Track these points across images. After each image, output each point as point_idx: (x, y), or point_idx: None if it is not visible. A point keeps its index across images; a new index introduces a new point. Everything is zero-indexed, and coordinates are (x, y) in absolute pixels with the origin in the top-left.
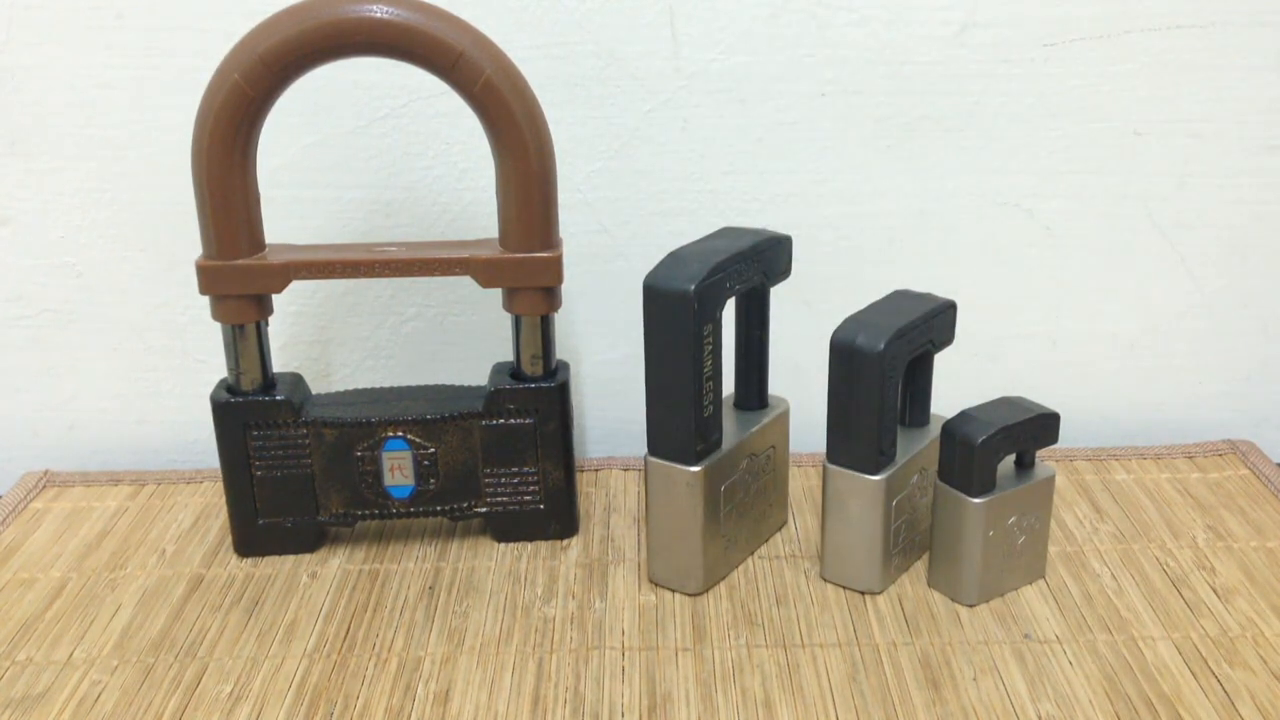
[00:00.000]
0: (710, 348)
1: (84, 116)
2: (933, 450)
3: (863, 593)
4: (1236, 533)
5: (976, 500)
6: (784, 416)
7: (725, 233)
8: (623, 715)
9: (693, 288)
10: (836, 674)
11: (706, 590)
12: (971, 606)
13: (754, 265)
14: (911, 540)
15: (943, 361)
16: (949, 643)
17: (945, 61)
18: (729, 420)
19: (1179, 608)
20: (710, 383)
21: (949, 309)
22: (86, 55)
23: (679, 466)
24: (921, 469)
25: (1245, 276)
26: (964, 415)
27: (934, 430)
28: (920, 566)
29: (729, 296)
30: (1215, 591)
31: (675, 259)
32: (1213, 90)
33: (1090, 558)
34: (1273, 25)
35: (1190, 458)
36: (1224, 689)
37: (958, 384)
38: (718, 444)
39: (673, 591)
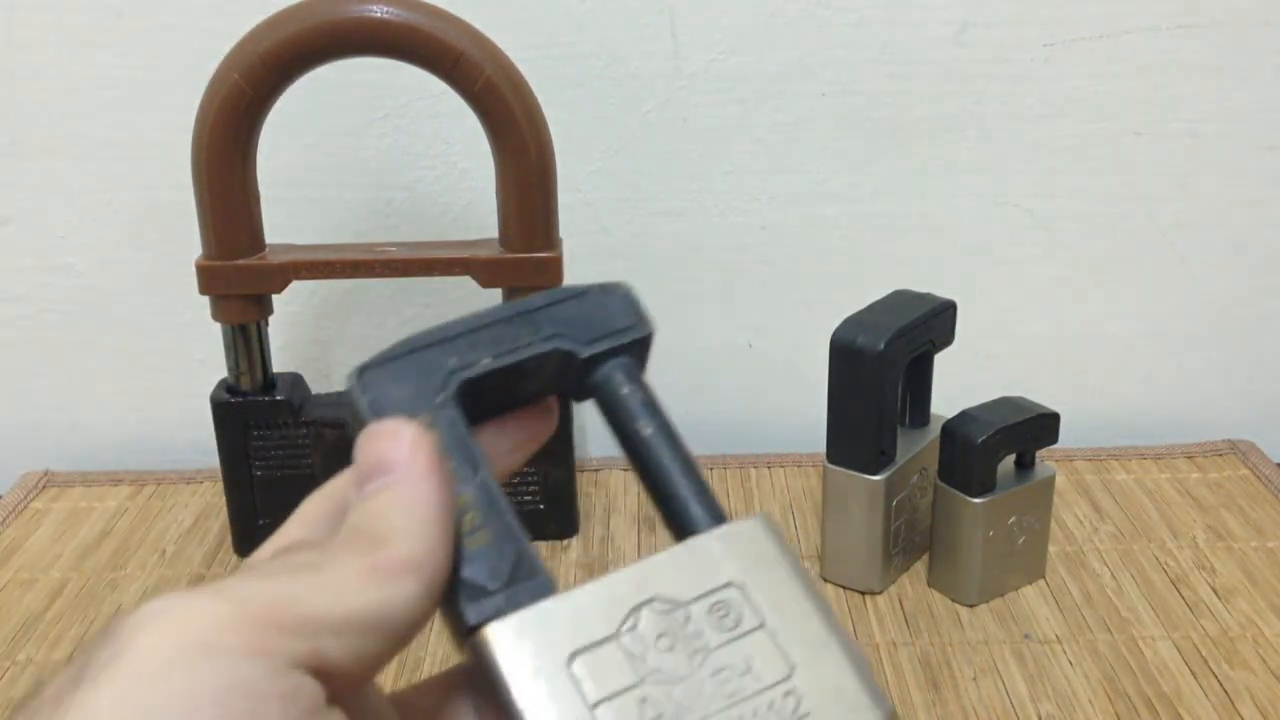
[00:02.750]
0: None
1: (84, 116)
2: (933, 450)
3: (863, 593)
4: (1236, 533)
5: (976, 500)
6: None
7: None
8: None
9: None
10: None
11: None
12: (971, 606)
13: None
14: (911, 540)
15: (943, 361)
16: (949, 643)
17: (945, 61)
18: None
19: (1179, 608)
20: None
21: (949, 309)
22: (86, 55)
23: None
24: (921, 469)
25: (1245, 276)
26: (964, 415)
27: (934, 430)
28: (920, 566)
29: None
30: (1215, 591)
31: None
32: (1213, 90)
33: (1090, 558)
34: (1273, 25)
35: (1190, 458)
36: (1224, 689)
37: (958, 384)
38: None
39: None
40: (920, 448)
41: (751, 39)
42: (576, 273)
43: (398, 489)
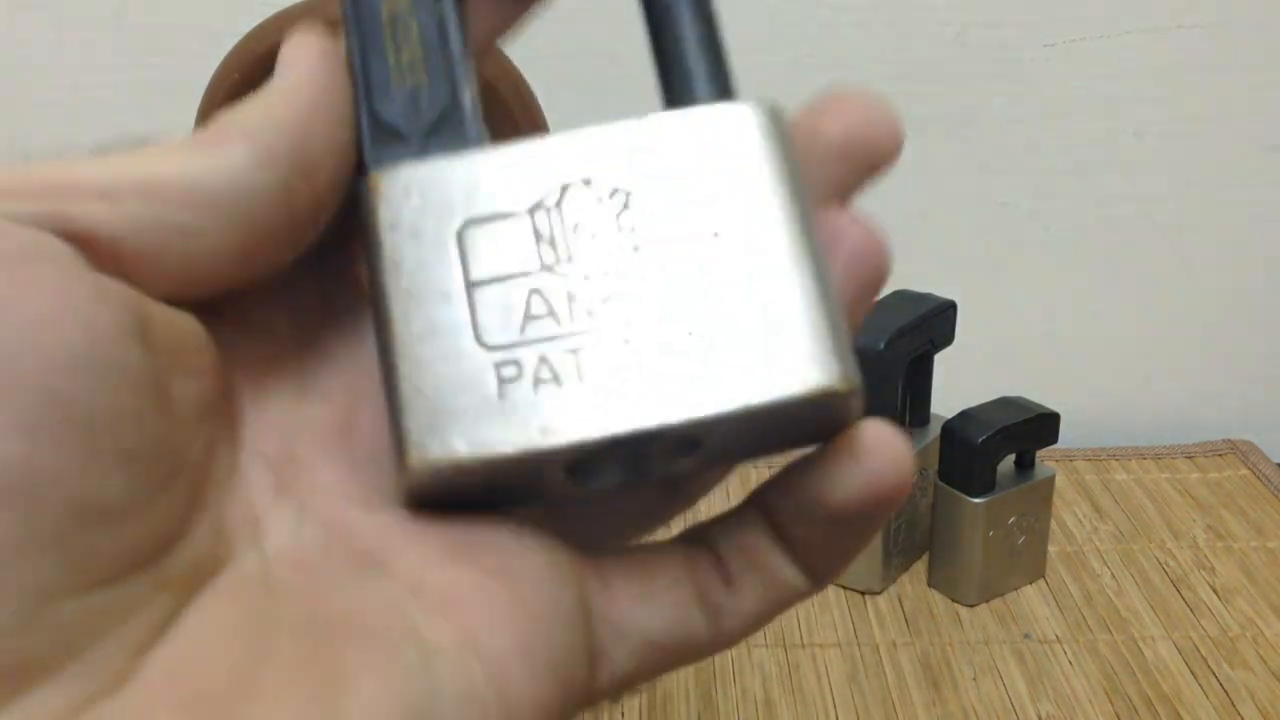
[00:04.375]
0: None
1: (84, 116)
2: (933, 450)
3: (863, 593)
4: (1236, 533)
5: (976, 500)
6: None
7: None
8: (622, 715)
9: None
10: (836, 674)
11: None
12: (971, 606)
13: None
14: (911, 540)
15: (943, 361)
16: (949, 643)
17: (945, 61)
18: None
19: (1179, 608)
20: None
21: (949, 309)
22: (86, 55)
23: None
24: (921, 469)
25: (1245, 276)
26: (964, 415)
27: (934, 430)
28: (920, 566)
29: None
30: (1215, 591)
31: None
32: (1213, 90)
33: (1090, 558)
34: (1273, 25)
35: (1190, 458)
36: (1224, 689)
37: (958, 384)
38: None
39: None
40: (920, 448)
41: (751, 39)
42: None
43: (273, 81)
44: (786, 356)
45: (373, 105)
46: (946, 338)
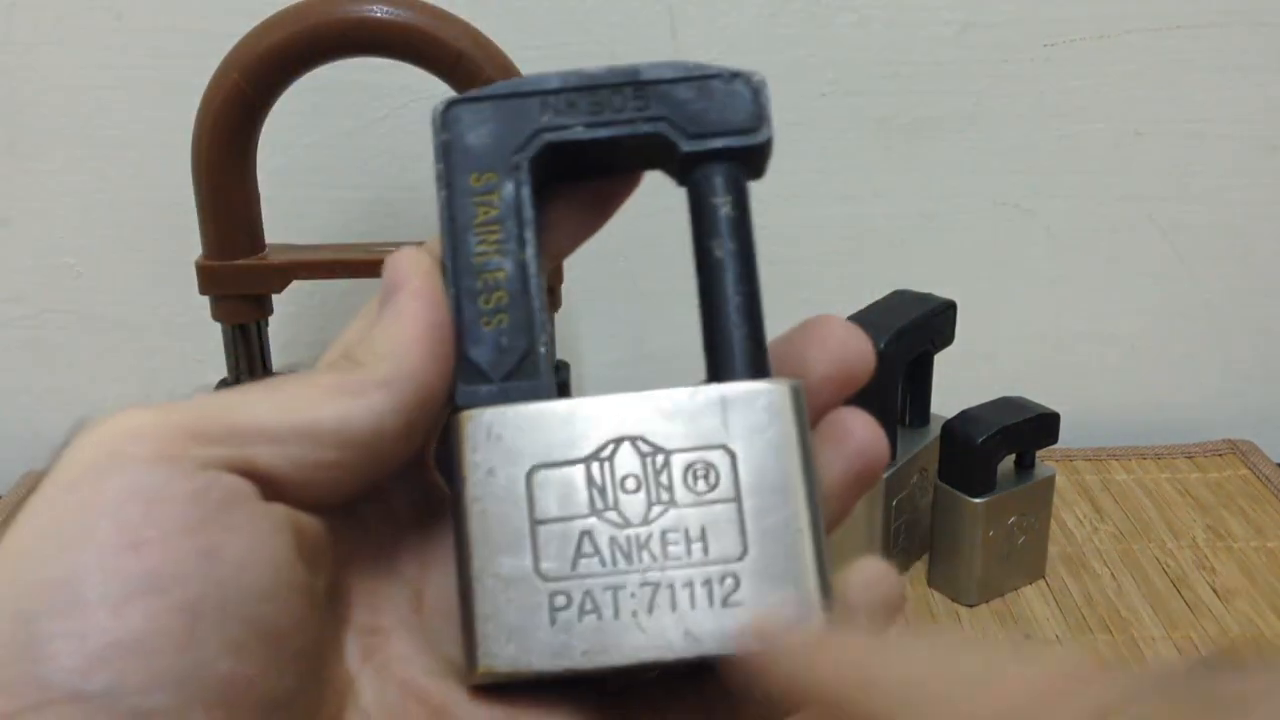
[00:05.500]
0: None
1: (84, 116)
2: (933, 450)
3: None
4: (1236, 533)
5: (976, 500)
6: None
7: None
8: None
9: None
10: None
11: None
12: (971, 606)
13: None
14: (911, 540)
15: (943, 361)
16: None
17: (945, 61)
18: None
19: (1179, 608)
20: None
21: (949, 309)
22: (86, 55)
23: None
24: (921, 469)
25: (1245, 276)
26: (964, 415)
27: (934, 430)
28: (920, 566)
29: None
30: (1215, 591)
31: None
32: (1213, 90)
33: (1090, 558)
34: (1273, 25)
35: (1190, 458)
36: None
37: (958, 384)
38: None
39: None
40: (920, 448)
41: (751, 39)
42: (577, 273)
43: (392, 311)
44: (779, 611)
45: (464, 346)
46: (946, 338)
